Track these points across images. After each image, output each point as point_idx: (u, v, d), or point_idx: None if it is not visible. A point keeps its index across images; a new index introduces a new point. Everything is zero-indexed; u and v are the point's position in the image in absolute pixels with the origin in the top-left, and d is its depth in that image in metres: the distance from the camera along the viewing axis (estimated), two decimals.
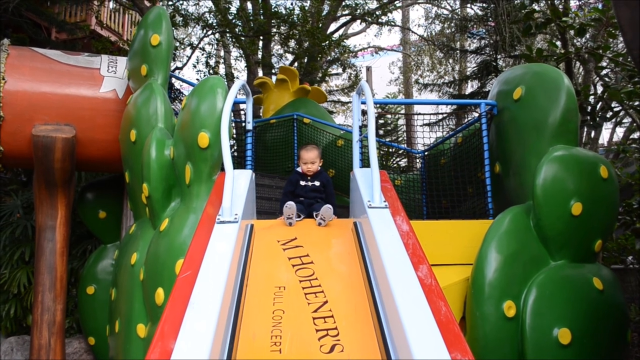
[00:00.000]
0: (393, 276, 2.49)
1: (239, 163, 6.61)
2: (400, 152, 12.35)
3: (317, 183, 4.28)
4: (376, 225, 3.05)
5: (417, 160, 7.65)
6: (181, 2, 13.44)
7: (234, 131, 8.14)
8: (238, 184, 3.78)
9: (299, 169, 4.38)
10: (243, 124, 5.58)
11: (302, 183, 4.30)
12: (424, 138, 6.58)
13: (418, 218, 6.59)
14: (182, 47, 15.42)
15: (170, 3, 13.29)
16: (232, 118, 5.37)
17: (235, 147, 8.41)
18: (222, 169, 3.95)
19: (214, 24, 13.52)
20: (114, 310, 4.95)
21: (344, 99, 20.30)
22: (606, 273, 4.46)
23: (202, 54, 14.47)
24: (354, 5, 14.68)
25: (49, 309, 5.48)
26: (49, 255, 5.59)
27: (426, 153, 7.10)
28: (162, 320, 2.27)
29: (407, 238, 2.98)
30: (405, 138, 16.44)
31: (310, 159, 4.27)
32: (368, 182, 3.61)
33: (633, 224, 6.28)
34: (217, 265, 2.66)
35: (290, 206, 3.76)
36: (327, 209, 3.74)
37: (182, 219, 4.10)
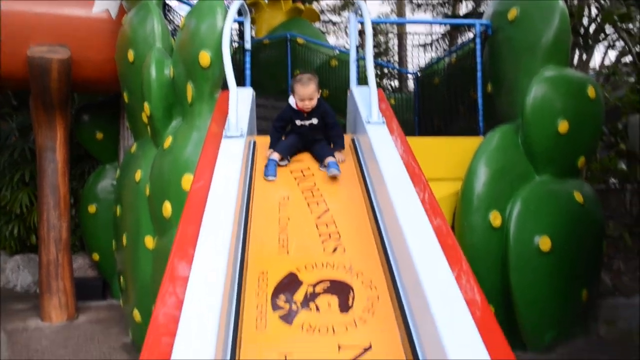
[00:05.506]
0: (394, 192, 2.61)
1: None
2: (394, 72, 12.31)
3: (314, 121, 3.57)
4: (375, 141, 3.19)
5: (410, 81, 7.71)
6: None
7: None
8: (241, 102, 3.84)
9: (292, 103, 3.59)
10: (237, 44, 5.55)
11: (298, 123, 3.59)
12: (418, 58, 6.60)
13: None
14: None
15: None
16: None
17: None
18: (223, 88, 4.03)
19: None
20: (120, 226, 5.16)
21: (335, 18, 19.85)
22: (587, 189, 4.72)
23: None
24: None
25: (54, 226, 5.70)
26: (51, 175, 5.73)
27: (419, 73, 7.16)
28: (179, 232, 2.35)
29: (404, 153, 3.14)
30: (397, 59, 16.25)
31: (307, 95, 3.44)
32: (366, 99, 3.70)
33: (617, 145, 6.50)
34: (226, 178, 2.78)
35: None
36: (333, 170, 3.25)
37: (186, 136, 4.22)
